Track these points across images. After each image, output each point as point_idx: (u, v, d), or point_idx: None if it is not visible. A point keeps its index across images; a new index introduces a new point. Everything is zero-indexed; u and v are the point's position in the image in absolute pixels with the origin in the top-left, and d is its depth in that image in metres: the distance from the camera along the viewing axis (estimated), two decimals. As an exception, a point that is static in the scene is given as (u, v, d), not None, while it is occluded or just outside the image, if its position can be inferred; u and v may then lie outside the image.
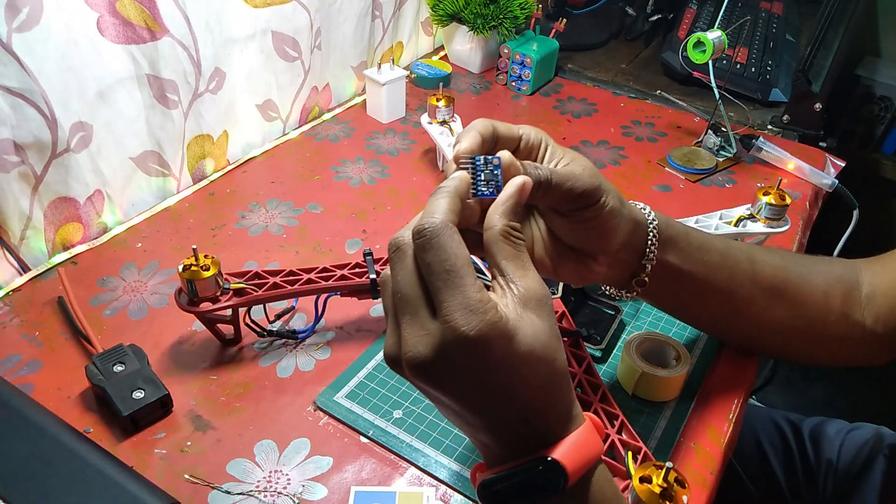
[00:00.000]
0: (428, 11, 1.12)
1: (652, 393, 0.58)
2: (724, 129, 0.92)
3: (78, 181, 0.70)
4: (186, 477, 0.51)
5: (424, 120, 0.85)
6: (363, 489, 0.51)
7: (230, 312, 0.60)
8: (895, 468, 0.74)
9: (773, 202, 0.67)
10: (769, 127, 1.02)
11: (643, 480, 0.42)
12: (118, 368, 0.55)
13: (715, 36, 0.83)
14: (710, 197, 0.86)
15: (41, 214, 0.69)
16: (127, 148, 0.75)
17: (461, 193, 0.36)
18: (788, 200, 0.67)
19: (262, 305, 0.61)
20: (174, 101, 0.76)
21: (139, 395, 0.54)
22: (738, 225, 0.68)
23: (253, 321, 0.61)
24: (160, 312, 0.65)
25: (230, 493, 0.50)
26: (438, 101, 0.83)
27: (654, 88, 1.09)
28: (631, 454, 0.50)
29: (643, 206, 0.49)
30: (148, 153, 0.78)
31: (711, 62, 0.85)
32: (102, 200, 0.74)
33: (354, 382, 0.59)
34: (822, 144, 0.97)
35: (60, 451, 0.48)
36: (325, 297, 0.61)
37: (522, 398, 0.34)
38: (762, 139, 0.91)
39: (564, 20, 1.08)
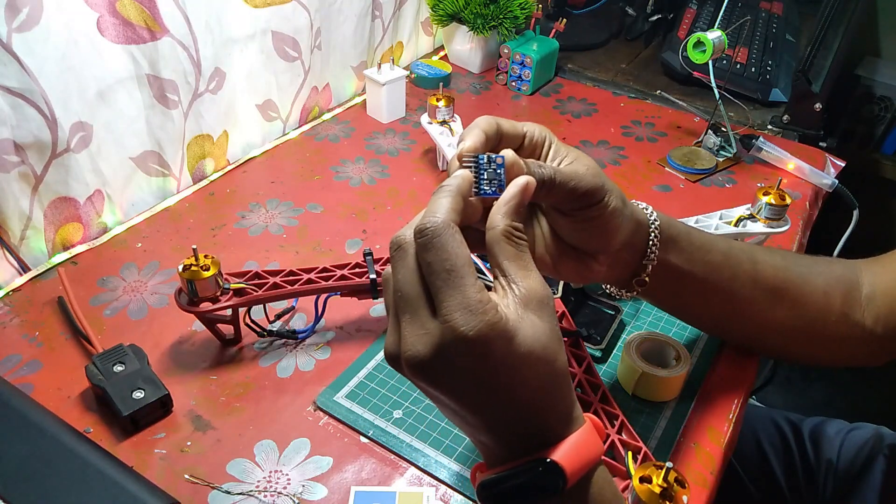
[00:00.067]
0: (428, 11, 1.12)
1: (652, 393, 0.58)
2: (724, 129, 0.92)
3: (78, 181, 0.70)
4: (186, 477, 0.51)
5: (424, 120, 0.85)
6: (363, 489, 0.51)
7: (230, 312, 0.60)
8: (895, 468, 0.74)
9: (773, 202, 0.67)
10: (769, 127, 1.02)
11: (643, 480, 0.42)
12: (118, 368, 0.55)
13: (715, 36, 0.83)
14: (710, 197, 0.86)
15: (41, 214, 0.69)
16: (127, 148, 0.75)
17: (463, 192, 0.36)
18: (788, 200, 0.67)
19: (262, 305, 0.61)
20: (174, 101, 0.76)
21: (139, 395, 0.54)
22: (738, 225, 0.68)
23: (253, 321, 0.61)
24: (160, 312, 0.65)
25: (230, 493, 0.50)
26: (438, 101, 0.83)
27: (654, 88, 1.09)
28: (631, 454, 0.50)
29: (645, 205, 0.49)
30: (148, 153, 0.78)
31: (711, 62, 0.85)
32: (102, 200, 0.74)
33: (354, 382, 0.59)
34: (822, 144, 0.97)
35: (60, 451, 0.48)
36: (325, 297, 0.61)
37: (522, 399, 0.34)
38: (762, 139, 0.91)
39: (564, 20, 1.08)
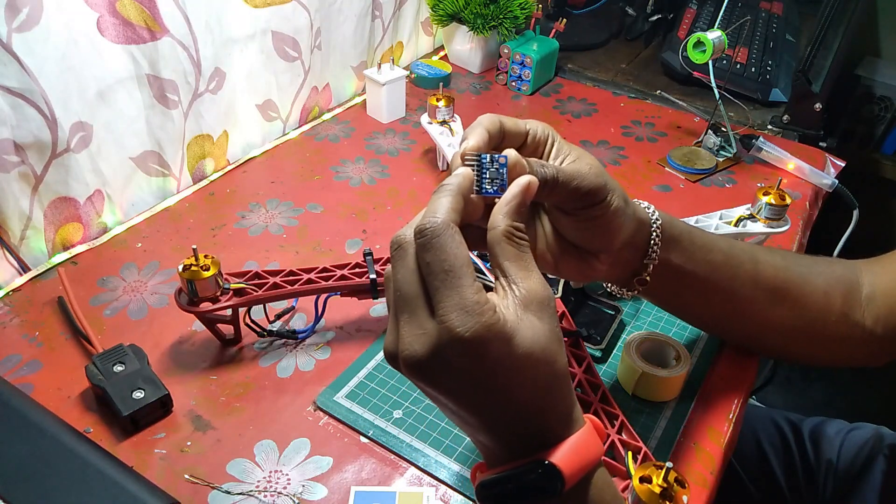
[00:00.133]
0: (428, 11, 1.12)
1: (652, 393, 0.58)
2: (724, 129, 0.92)
3: (78, 181, 0.70)
4: (186, 477, 0.51)
5: (424, 120, 0.85)
6: (363, 489, 0.51)
7: (230, 312, 0.60)
8: (895, 468, 0.74)
9: (773, 202, 0.67)
10: (769, 127, 1.02)
11: (643, 480, 0.42)
12: (118, 368, 0.55)
13: (715, 36, 0.83)
14: (710, 197, 0.86)
15: (41, 214, 0.69)
16: (127, 148, 0.75)
17: (464, 191, 0.36)
18: (788, 200, 0.67)
19: (262, 305, 0.61)
20: (174, 101, 0.76)
21: (139, 395, 0.54)
22: (738, 225, 0.68)
23: (253, 321, 0.61)
24: (160, 312, 0.65)
25: (230, 493, 0.50)
26: (438, 101, 0.83)
27: (654, 88, 1.09)
28: (631, 454, 0.50)
29: (647, 204, 0.49)
30: (148, 153, 0.78)
31: (711, 62, 0.85)
32: (102, 200, 0.74)
33: (354, 382, 0.59)
34: (822, 144, 0.97)
35: (60, 451, 0.48)
36: (325, 297, 0.61)
37: (521, 399, 0.34)
38: (762, 139, 0.91)
39: (564, 20, 1.08)
